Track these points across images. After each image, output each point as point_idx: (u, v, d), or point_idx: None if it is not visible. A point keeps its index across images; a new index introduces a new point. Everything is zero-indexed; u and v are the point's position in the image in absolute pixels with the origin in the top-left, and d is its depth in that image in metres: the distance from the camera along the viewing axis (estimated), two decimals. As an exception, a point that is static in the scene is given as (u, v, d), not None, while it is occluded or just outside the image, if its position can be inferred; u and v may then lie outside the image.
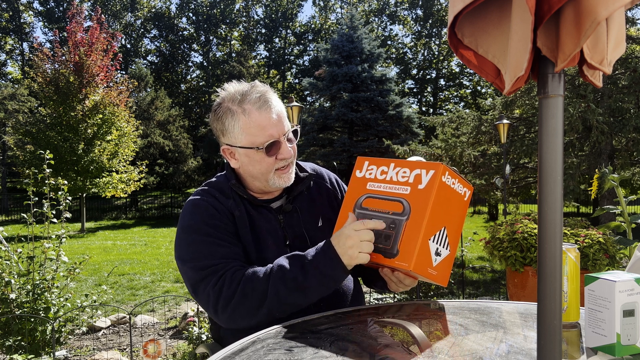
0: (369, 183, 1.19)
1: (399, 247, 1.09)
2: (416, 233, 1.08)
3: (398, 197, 1.13)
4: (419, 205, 1.09)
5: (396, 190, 1.14)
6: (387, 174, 1.17)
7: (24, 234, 3.40)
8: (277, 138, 1.27)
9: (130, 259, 8.65)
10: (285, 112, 1.35)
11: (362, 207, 1.18)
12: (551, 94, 0.64)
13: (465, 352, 0.91)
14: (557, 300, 0.64)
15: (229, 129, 1.29)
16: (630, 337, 0.87)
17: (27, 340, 3.01)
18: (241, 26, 41.35)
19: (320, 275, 1.15)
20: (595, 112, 7.71)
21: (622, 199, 3.34)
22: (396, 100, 17.85)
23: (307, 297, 1.16)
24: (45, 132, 13.53)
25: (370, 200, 1.18)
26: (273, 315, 1.16)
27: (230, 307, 1.16)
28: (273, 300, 1.14)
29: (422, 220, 1.08)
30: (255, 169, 1.30)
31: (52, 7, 36.25)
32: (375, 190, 1.18)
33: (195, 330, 3.39)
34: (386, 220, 1.13)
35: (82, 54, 13.53)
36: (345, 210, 1.22)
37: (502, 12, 0.68)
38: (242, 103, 1.27)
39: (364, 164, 1.23)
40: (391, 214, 1.13)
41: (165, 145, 24.79)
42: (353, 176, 1.23)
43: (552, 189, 0.63)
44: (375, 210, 1.16)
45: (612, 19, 0.65)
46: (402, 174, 1.15)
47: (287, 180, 1.33)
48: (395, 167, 1.17)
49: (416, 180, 1.11)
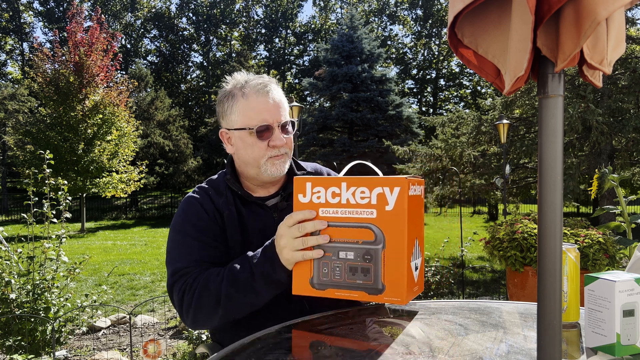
0: (320, 209, 1.03)
1: (383, 281, 0.99)
2: (400, 262, 0.99)
3: (364, 222, 1.00)
4: (393, 229, 0.99)
5: (359, 214, 1.00)
6: (341, 196, 1.02)
7: (24, 234, 3.40)
8: (270, 123, 1.28)
9: (130, 259, 8.65)
10: (286, 105, 1.36)
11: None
12: (551, 94, 0.64)
13: (465, 352, 0.91)
14: (557, 300, 0.64)
15: (227, 111, 1.33)
16: (630, 337, 0.87)
17: (27, 340, 3.01)
18: (241, 26, 41.35)
19: (264, 277, 1.12)
20: (595, 113, 7.71)
21: (622, 199, 3.34)
22: (396, 100, 17.85)
23: (259, 298, 1.15)
24: (45, 132, 13.53)
25: (329, 231, 1.03)
26: (231, 316, 1.17)
27: (192, 312, 1.18)
28: (226, 303, 1.14)
29: (402, 246, 0.98)
30: (247, 153, 1.31)
31: (52, 7, 36.25)
32: (331, 218, 1.02)
33: (195, 331, 3.39)
34: (358, 252, 1.01)
35: (82, 54, 13.53)
36: None
37: (502, 12, 0.68)
38: (243, 88, 1.31)
39: (306, 186, 1.05)
40: (362, 243, 1.00)
41: (165, 145, 24.79)
42: (296, 202, 1.06)
43: (552, 189, 0.64)
44: (340, 241, 1.02)
45: (612, 19, 0.65)
46: (360, 194, 1.00)
47: (280, 170, 1.32)
48: (350, 187, 1.01)
49: (381, 201, 0.99)
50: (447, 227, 15.16)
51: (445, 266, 5.06)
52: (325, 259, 1.04)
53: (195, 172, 27.12)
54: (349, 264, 1.02)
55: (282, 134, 1.31)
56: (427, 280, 4.73)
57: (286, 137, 1.32)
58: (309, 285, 1.05)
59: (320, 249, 1.04)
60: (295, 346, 0.94)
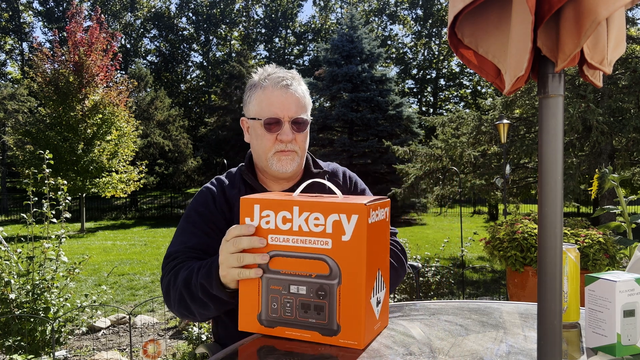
0: (270, 236, 0.92)
1: (338, 321, 0.89)
2: (358, 299, 0.88)
3: (318, 253, 0.89)
4: (350, 262, 0.87)
5: (312, 244, 0.89)
6: (293, 221, 0.90)
7: (24, 234, 3.40)
8: (280, 117, 1.29)
9: (130, 259, 8.64)
10: (306, 103, 1.36)
11: (270, 271, 0.93)
12: (551, 94, 0.64)
13: (465, 352, 0.91)
14: (557, 300, 0.64)
15: (247, 100, 1.36)
16: (631, 337, 0.87)
17: (26, 340, 3.01)
18: (241, 26, 41.35)
19: (203, 290, 1.07)
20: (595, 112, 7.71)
21: (622, 199, 3.34)
22: (396, 100, 17.84)
23: (209, 310, 1.11)
24: (44, 132, 13.52)
25: (279, 261, 0.91)
26: (187, 315, 1.16)
27: (165, 298, 1.20)
28: (182, 304, 1.14)
29: (360, 281, 0.87)
30: (257, 144, 1.33)
31: (52, 7, 36.24)
32: (281, 246, 0.91)
33: (195, 331, 3.39)
34: (311, 286, 0.89)
35: (82, 54, 13.52)
36: None
37: (502, 12, 0.68)
38: (265, 79, 1.33)
39: (254, 209, 0.93)
40: (315, 276, 0.89)
41: (165, 145, 24.79)
42: (243, 225, 0.96)
43: (552, 189, 0.63)
44: (291, 274, 0.90)
45: (612, 19, 0.65)
46: (314, 221, 0.89)
47: (286, 166, 1.31)
48: (302, 212, 0.90)
49: (337, 230, 0.88)
50: (447, 227, 15.16)
51: (446, 266, 5.06)
52: (274, 293, 0.92)
53: (195, 172, 27.11)
54: (300, 300, 0.91)
55: (291, 130, 1.30)
56: (427, 280, 4.73)
57: (296, 133, 1.31)
58: (256, 321, 0.95)
59: (271, 279, 0.93)
60: (295, 346, 0.94)
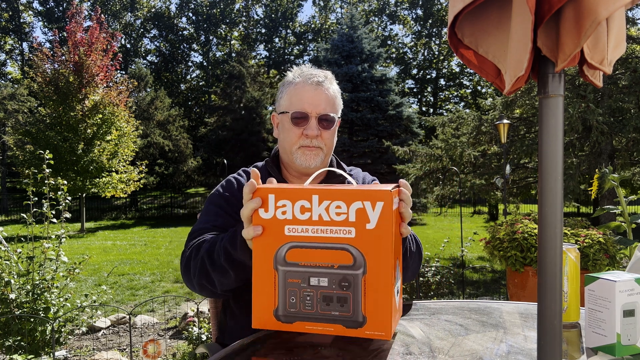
0: (287, 227, 0.87)
1: (364, 313, 0.87)
2: (385, 289, 0.86)
3: (341, 243, 0.86)
4: (375, 251, 0.85)
5: (334, 234, 0.86)
6: (312, 211, 0.86)
7: (24, 234, 3.40)
8: (308, 112, 1.31)
9: (130, 259, 8.64)
10: (336, 102, 1.38)
11: (287, 263, 0.88)
12: (551, 94, 0.64)
13: (465, 352, 0.91)
14: (557, 300, 0.64)
15: (279, 95, 1.39)
16: (631, 337, 0.87)
17: (26, 340, 3.01)
18: (241, 26, 41.35)
19: (229, 256, 1.06)
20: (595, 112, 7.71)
21: (622, 199, 3.34)
22: (396, 100, 17.85)
23: (229, 278, 1.09)
24: (44, 132, 13.53)
25: (297, 252, 0.87)
26: (206, 285, 1.14)
27: (184, 273, 1.19)
28: (202, 273, 1.12)
29: (387, 269, 0.85)
30: (283, 137, 1.35)
31: (52, 7, 36.24)
32: (300, 237, 0.87)
33: (195, 331, 3.39)
34: (333, 278, 0.86)
35: (82, 54, 13.52)
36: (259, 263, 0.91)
37: (502, 12, 0.68)
38: (298, 77, 1.36)
39: (269, 199, 0.89)
40: (338, 267, 0.86)
41: (165, 145, 24.79)
42: (255, 217, 0.90)
43: (552, 189, 0.63)
44: (311, 265, 0.87)
45: (612, 19, 0.65)
46: (335, 210, 0.85)
47: (309, 161, 1.32)
48: (322, 200, 0.86)
49: (361, 218, 0.85)
50: (447, 227, 15.16)
51: (446, 266, 5.06)
52: (292, 286, 0.88)
53: (195, 172, 27.11)
54: (322, 293, 0.87)
55: (317, 126, 1.32)
56: (427, 280, 4.73)
57: (322, 130, 1.33)
58: (272, 317, 0.90)
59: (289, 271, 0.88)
60: (295, 346, 0.94)
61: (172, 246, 10.77)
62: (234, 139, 23.81)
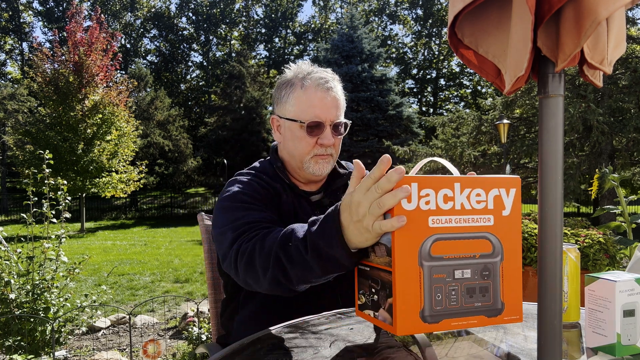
0: (430, 218, 0.81)
1: (502, 299, 0.86)
2: (517, 274, 0.86)
3: (481, 232, 0.84)
4: (509, 237, 0.85)
5: (475, 222, 0.84)
6: (455, 200, 0.82)
7: (24, 234, 3.40)
8: (322, 121, 1.26)
9: (130, 259, 8.64)
10: (344, 105, 1.33)
11: (432, 258, 0.82)
12: (551, 94, 0.64)
13: (465, 353, 0.91)
14: (557, 300, 0.64)
15: (283, 98, 1.30)
16: (631, 337, 0.87)
17: (26, 340, 3.01)
18: (241, 26, 41.37)
19: (318, 251, 0.90)
20: (595, 112, 7.72)
21: (623, 199, 3.34)
22: (396, 100, 17.86)
23: (313, 273, 0.94)
24: (44, 132, 13.53)
25: (441, 245, 0.82)
26: (282, 282, 0.99)
27: (245, 268, 1.04)
28: (275, 267, 0.98)
29: (518, 254, 0.86)
30: (294, 146, 1.28)
31: (52, 7, 36.26)
32: (444, 228, 0.82)
33: (195, 331, 3.39)
34: (476, 268, 0.84)
35: (82, 54, 13.53)
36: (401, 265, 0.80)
37: (502, 12, 0.68)
38: (304, 79, 1.28)
39: (412, 188, 0.81)
40: (479, 257, 0.84)
41: (165, 145, 24.81)
42: (398, 208, 0.80)
43: (552, 189, 0.63)
44: (456, 257, 0.83)
45: (612, 19, 0.65)
46: (475, 197, 0.84)
47: (322, 170, 1.29)
48: (464, 188, 0.83)
49: (498, 205, 0.84)
50: (447, 227, 15.14)
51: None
52: (438, 282, 0.82)
53: (195, 172, 27.12)
54: (466, 285, 0.84)
55: (332, 134, 1.28)
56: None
57: (336, 137, 1.30)
58: (419, 320, 0.82)
59: (435, 267, 0.82)
60: (295, 346, 0.94)
61: (172, 246, 10.78)
62: (234, 139, 23.81)
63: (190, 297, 5.45)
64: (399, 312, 0.81)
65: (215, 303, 1.53)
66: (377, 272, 0.84)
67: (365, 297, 0.89)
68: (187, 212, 23.32)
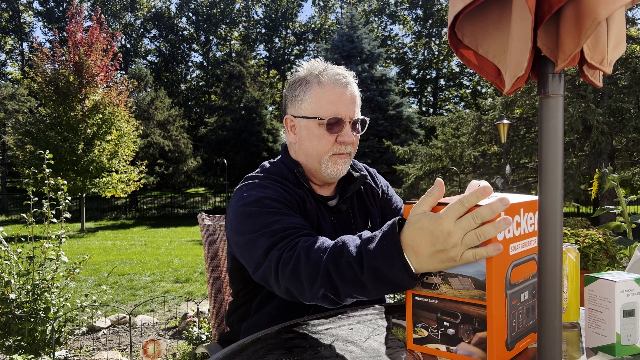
0: (511, 245, 0.80)
1: None
2: None
3: (532, 254, 0.86)
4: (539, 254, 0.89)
5: (530, 245, 0.86)
6: (521, 225, 0.83)
7: (24, 234, 3.40)
8: (342, 117, 1.21)
9: (130, 259, 8.64)
10: (360, 102, 1.30)
11: (512, 285, 0.80)
12: (551, 94, 0.64)
13: (465, 352, 0.91)
14: (557, 300, 0.64)
15: (299, 96, 1.24)
16: (630, 337, 0.87)
17: (27, 340, 3.01)
18: (241, 26, 41.38)
19: (375, 273, 0.85)
20: (595, 112, 7.72)
21: (622, 199, 3.34)
22: (396, 100, 17.86)
23: (365, 292, 0.89)
24: (45, 132, 13.54)
25: (516, 271, 0.82)
26: (326, 297, 0.94)
27: (286, 274, 0.98)
28: (324, 282, 0.92)
29: None
30: (312, 145, 1.23)
31: (52, 7, 36.26)
32: (517, 254, 0.82)
33: (195, 331, 3.39)
34: (530, 289, 0.86)
35: (82, 54, 13.54)
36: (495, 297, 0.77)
37: (502, 12, 0.68)
38: (320, 75, 1.23)
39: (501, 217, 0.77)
40: (531, 277, 0.86)
41: (165, 145, 24.81)
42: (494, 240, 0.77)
43: (552, 189, 0.63)
44: (521, 282, 0.83)
45: (612, 19, 0.65)
46: (529, 221, 0.86)
47: (340, 171, 1.24)
48: (526, 213, 0.85)
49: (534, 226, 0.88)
50: (447, 227, 15.13)
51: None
52: (514, 309, 0.81)
53: (195, 172, 27.12)
54: (526, 306, 0.85)
55: (352, 131, 1.23)
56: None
57: (355, 135, 1.25)
58: (504, 349, 0.80)
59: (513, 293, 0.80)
60: (295, 346, 0.94)
61: (172, 246, 10.78)
62: (234, 139, 23.81)
63: (190, 297, 5.45)
64: (496, 345, 0.78)
65: (215, 303, 1.53)
66: (455, 305, 0.80)
67: (428, 330, 0.84)
68: (187, 212, 23.33)
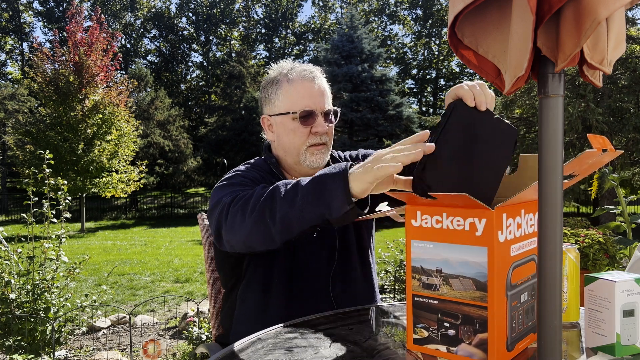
0: (512, 247, 0.81)
1: None
2: None
3: (531, 254, 0.87)
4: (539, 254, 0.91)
5: (529, 246, 0.86)
6: (522, 226, 0.84)
7: (24, 234, 3.40)
8: (314, 109, 1.28)
9: (130, 259, 8.64)
10: (330, 94, 1.36)
11: (512, 286, 0.82)
12: (551, 94, 0.64)
13: (465, 352, 0.91)
14: (557, 300, 0.64)
15: (271, 96, 1.33)
16: (630, 337, 0.87)
17: (27, 340, 3.01)
18: (241, 26, 41.36)
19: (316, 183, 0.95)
20: (595, 112, 7.72)
21: (622, 199, 3.34)
22: (396, 100, 17.85)
23: (294, 209, 0.96)
24: (45, 132, 13.53)
25: (516, 272, 0.82)
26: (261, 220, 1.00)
27: (235, 208, 1.07)
28: (266, 201, 1.01)
29: None
30: (288, 139, 1.30)
31: (52, 7, 36.24)
32: (518, 255, 0.83)
33: (195, 330, 3.39)
34: (530, 289, 0.87)
35: (82, 54, 13.53)
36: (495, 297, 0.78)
37: (502, 12, 0.68)
38: (288, 74, 1.31)
39: (502, 218, 0.78)
40: (531, 278, 0.87)
41: (165, 145, 24.80)
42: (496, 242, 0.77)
43: (552, 189, 0.63)
44: (522, 282, 0.84)
45: (612, 19, 0.65)
46: (529, 222, 0.87)
47: (319, 161, 1.30)
48: (527, 213, 0.86)
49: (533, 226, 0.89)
50: (447, 227, 15.12)
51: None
52: (514, 310, 0.82)
53: (195, 172, 27.11)
54: (526, 307, 0.86)
55: (325, 122, 1.30)
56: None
57: (329, 125, 1.31)
58: (505, 350, 0.81)
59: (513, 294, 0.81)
60: (295, 346, 0.94)
61: (172, 246, 10.77)
62: (234, 139, 23.81)
63: (190, 297, 5.45)
64: (497, 346, 0.79)
65: (215, 303, 1.53)
66: (456, 306, 0.81)
67: (429, 331, 0.85)
68: (187, 212, 23.32)
